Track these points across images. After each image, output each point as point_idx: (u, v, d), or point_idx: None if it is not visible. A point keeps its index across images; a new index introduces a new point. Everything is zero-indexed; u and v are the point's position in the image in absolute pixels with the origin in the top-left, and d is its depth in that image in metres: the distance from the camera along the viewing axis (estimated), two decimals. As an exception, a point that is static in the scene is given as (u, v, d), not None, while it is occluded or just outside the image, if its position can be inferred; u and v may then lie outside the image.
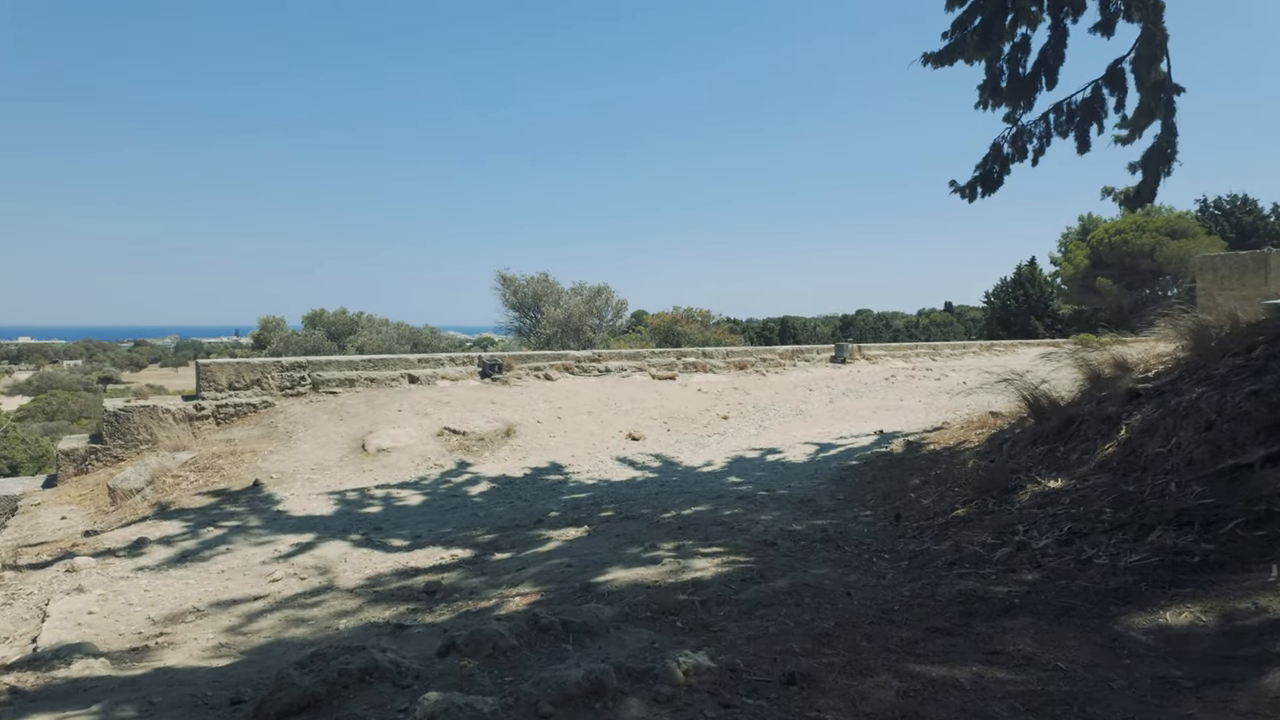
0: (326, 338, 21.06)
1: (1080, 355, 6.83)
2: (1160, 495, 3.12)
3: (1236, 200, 27.62)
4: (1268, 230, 26.79)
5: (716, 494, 5.93)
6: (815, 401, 10.80)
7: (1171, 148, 5.91)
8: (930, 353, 15.67)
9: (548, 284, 16.90)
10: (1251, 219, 27.09)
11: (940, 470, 5.50)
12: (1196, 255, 11.90)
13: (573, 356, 11.58)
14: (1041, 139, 6.38)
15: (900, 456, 6.71)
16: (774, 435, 8.70)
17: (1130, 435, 3.87)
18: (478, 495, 6.66)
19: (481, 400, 9.66)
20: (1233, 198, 27.69)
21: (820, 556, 3.77)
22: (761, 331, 44.54)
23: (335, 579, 4.65)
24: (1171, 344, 6.54)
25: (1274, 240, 27.10)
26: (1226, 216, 27.37)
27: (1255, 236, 27.02)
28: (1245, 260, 11.08)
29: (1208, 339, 5.02)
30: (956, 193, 6.79)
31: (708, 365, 12.71)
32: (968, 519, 3.93)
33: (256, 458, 7.96)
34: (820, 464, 7.01)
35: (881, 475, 6.04)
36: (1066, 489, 3.72)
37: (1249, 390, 3.30)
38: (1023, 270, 32.05)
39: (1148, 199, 6.24)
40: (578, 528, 5.18)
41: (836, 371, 13.36)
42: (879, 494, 5.36)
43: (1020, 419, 6.90)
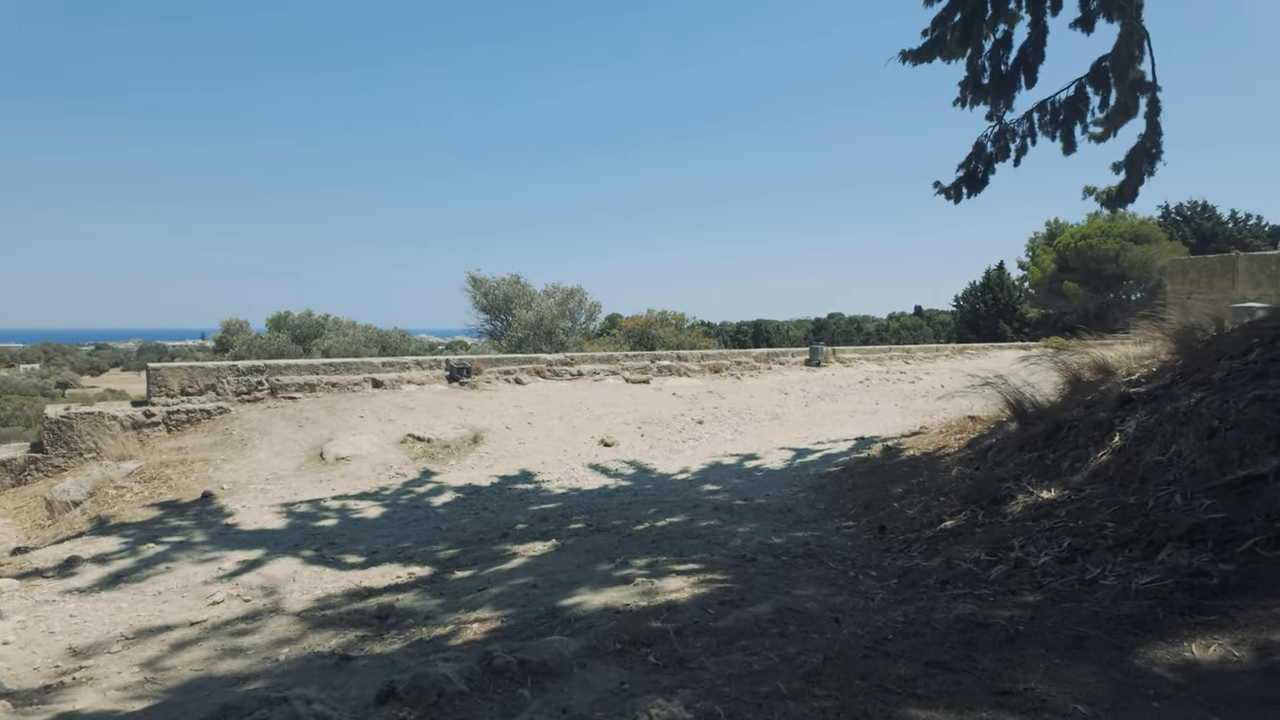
0: (291, 340, 20.41)
1: (1059, 358, 6.69)
2: (1166, 508, 2.90)
3: (1197, 206, 28.15)
4: (1226, 235, 27.33)
5: (692, 503, 5.65)
6: (791, 405, 10.60)
7: (1156, 146, 5.78)
8: (904, 356, 15.59)
9: (519, 286, 16.51)
10: (1211, 225, 27.62)
11: (922, 478, 5.28)
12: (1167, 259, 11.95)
13: (544, 360, 11.24)
14: (1025, 138, 6.22)
15: (880, 462, 6.49)
16: (750, 440, 8.46)
17: (1126, 443, 3.66)
18: (441, 506, 6.31)
19: (448, 405, 9.29)
20: (1193, 204, 28.22)
21: (803, 574, 3.51)
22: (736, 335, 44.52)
23: (281, 601, 4.28)
24: (1150, 346, 6.43)
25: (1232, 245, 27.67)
26: (1187, 222, 27.87)
27: (1215, 241, 27.55)
28: (1214, 264, 11.12)
29: (1194, 341, 4.87)
30: (941, 194, 6.61)
31: (682, 369, 12.46)
32: (957, 532, 3.70)
33: (208, 467, 7.51)
34: (798, 470, 6.78)
35: (862, 483, 5.82)
36: (1061, 500, 3.50)
37: (1254, 395, 3.11)
38: (991, 274, 32.35)
39: (1130, 198, 6.10)
40: (545, 542, 4.86)
41: (811, 374, 13.19)
42: (860, 503, 5.12)
43: (1000, 423, 6.74)
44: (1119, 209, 6.11)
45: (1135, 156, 5.90)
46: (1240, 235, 27.22)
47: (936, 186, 6.61)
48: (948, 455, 6.08)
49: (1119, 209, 6.11)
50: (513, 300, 16.21)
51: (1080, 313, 28.59)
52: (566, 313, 16.57)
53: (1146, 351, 6.20)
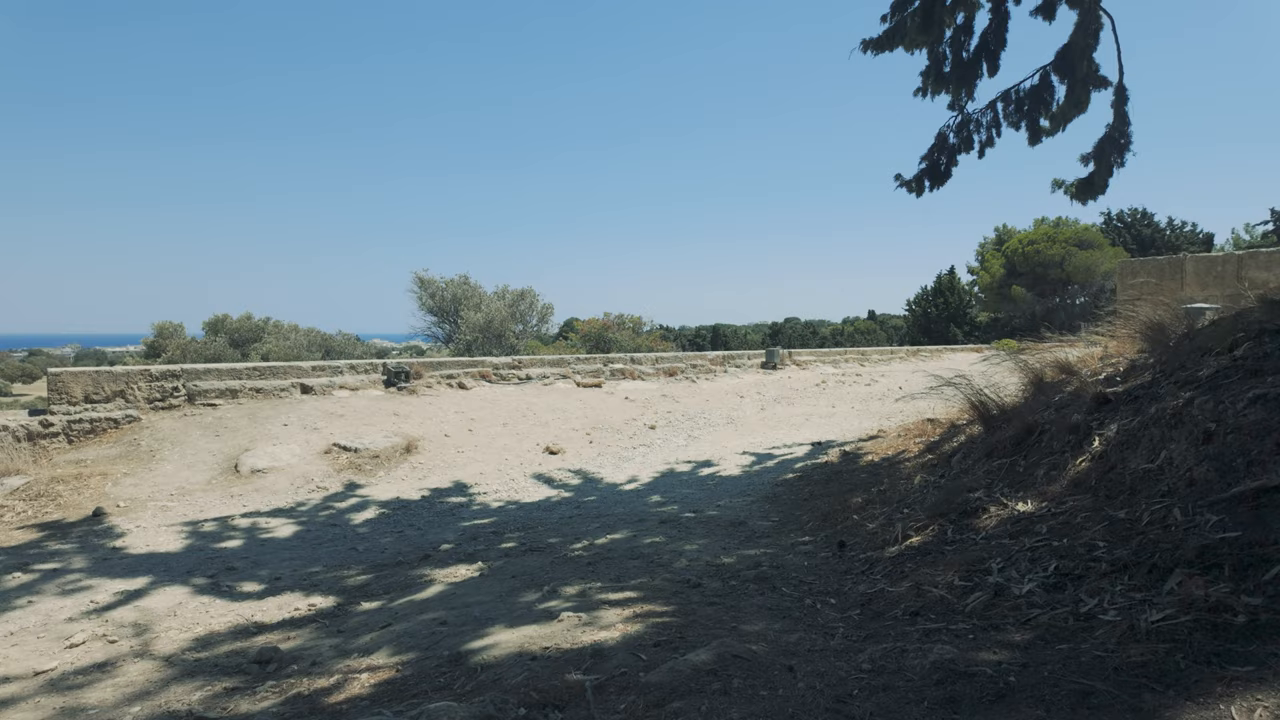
0: (229, 345, 19.36)
1: (1019, 358, 6.39)
2: (1164, 525, 2.50)
3: (1137, 214, 28.87)
4: (1164, 242, 28.06)
5: (638, 517, 5.16)
6: (747, 409, 10.20)
7: (1124, 136, 5.51)
8: (859, 358, 15.38)
9: (468, 287, 15.81)
10: (1150, 232, 28.33)
11: (883, 486, 4.88)
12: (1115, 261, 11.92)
13: (490, 363, 10.63)
14: (989, 129, 5.90)
15: (838, 469, 6.09)
16: (704, 446, 8.01)
17: (1107, 448, 3.28)
18: (362, 524, 5.69)
19: (382, 412, 8.63)
20: (1134, 211, 28.93)
21: (753, 603, 3.03)
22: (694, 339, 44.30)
23: (152, 642, 3.64)
24: (1107, 345, 6.17)
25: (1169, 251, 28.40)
26: (1128, 229, 28.55)
27: (1154, 248, 28.26)
28: (1163, 265, 11.10)
29: (1165, 338, 4.56)
30: (903, 187, 6.26)
31: (636, 372, 11.97)
32: (925, 550, 3.27)
33: (106, 482, 6.74)
34: (753, 478, 6.34)
35: (819, 491, 5.40)
36: (1040, 513, 3.09)
37: (1253, 395, 2.74)
38: (943, 279, 32.70)
39: (1100, 190, 5.83)
40: (470, 564, 4.31)
41: (767, 377, 12.84)
42: (818, 514, 4.69)
43: (959, 426, 6.41)
44: (1088, 201, 5.83)
45: (1104, 147, 5.63)
46: (1177, 241, 27.97)
47: (898, 180, 6.26)
48: (908, 460, 5.71)
49: (1088, 201, 5.83)
50: (461, 302, 15.51)
51: (1027, 316, 29.04)
52: (517, 315, 15.92)
53: (1108, 350, 5.93)
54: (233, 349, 19.50)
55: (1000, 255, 30.21)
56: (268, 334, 19.38)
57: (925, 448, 6.08)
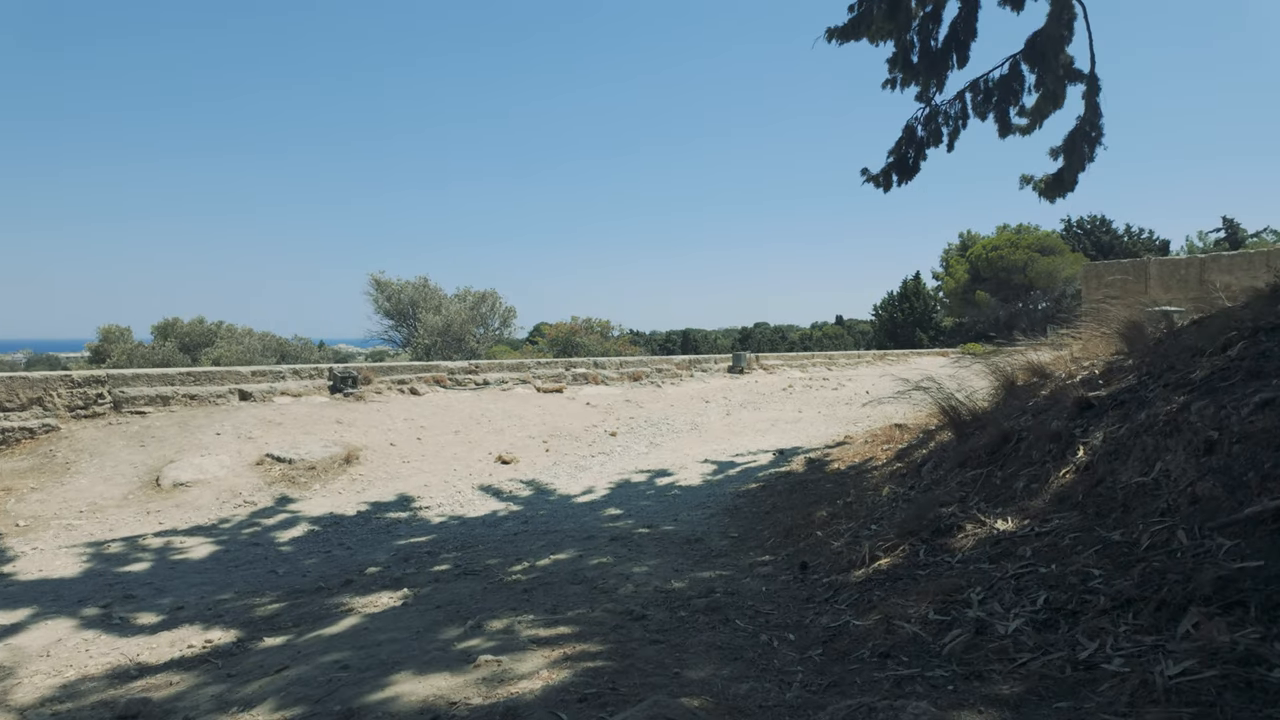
0: (179, 350, 18.49)
1: (991, 361, 6.12)
2: (1168, 550, 2.16)
3: (1096, 221, 29.26)
4: (1122, 248, 28.47)
5: (587, 534, 4.73)
6: (712, 414, 9.83)
7: (1095, 129, 5.25)
8: (826, 362, 15.15)
9: (428, 289, 15.21)
10: (1109, 238, 28.73)
11: (849, 498, 4.52)
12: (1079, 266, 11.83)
13: (445, 368, 10.12)
14: (958, 120, 5.61)
15: (802, 478, 5.74)
16: (665, 454, 7.61)
17: (1093, 459, 2.95)
18: (288, 543, 5.17)
19: (325, 420, 8.08)
20: (1093, 218, 29.32)
21: (702, 640, 2.63)
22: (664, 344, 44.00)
23: (12, 690, 3.11)
24: (1074, 348, 5.92)
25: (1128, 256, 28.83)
26: (1088, 235, 28.91)
27: (1112, 254, 28.65)
28: (1127, 269, 11.02)
29: (1144, 339, 4.28)
30: (870, 182, 5.94)
31: (599, 376, 11.55)
32: (895, 574, 2.90)
33: (10, 498, 6.12)
34: (714, 488, 5.95)
35: (782, 503, 5.03)
36: (1023, 533, 2.74)
37: (1259, 400, 2.42)
38: (908, 284, 32.82)
39: (1070, 186, 5.57)
40: (395, 591, 3.85)
41: (734, 382, 12.51)
42: (780, 530, 4.31)
43: (930, 432, 6.11)
44: (1057, 198, 5.56)
45: (1074, 140, 5.36)
46: (1134, 248, 28.39)
47: (864, 175, 5.94)
48: (876, 469, 5.37)
49: (1057, 198, 5.56)
50: (420, 305, 14.92)
51: (991, 321, 29.23)
52: (478, 317, 15.36)
53: (1077, 353, 5.67)
54: (183, 354, 18.62)
55: (965, 261, 30.40)
56: (220, 338, 18.52)
57: (894, 455, 5.75)
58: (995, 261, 29.37)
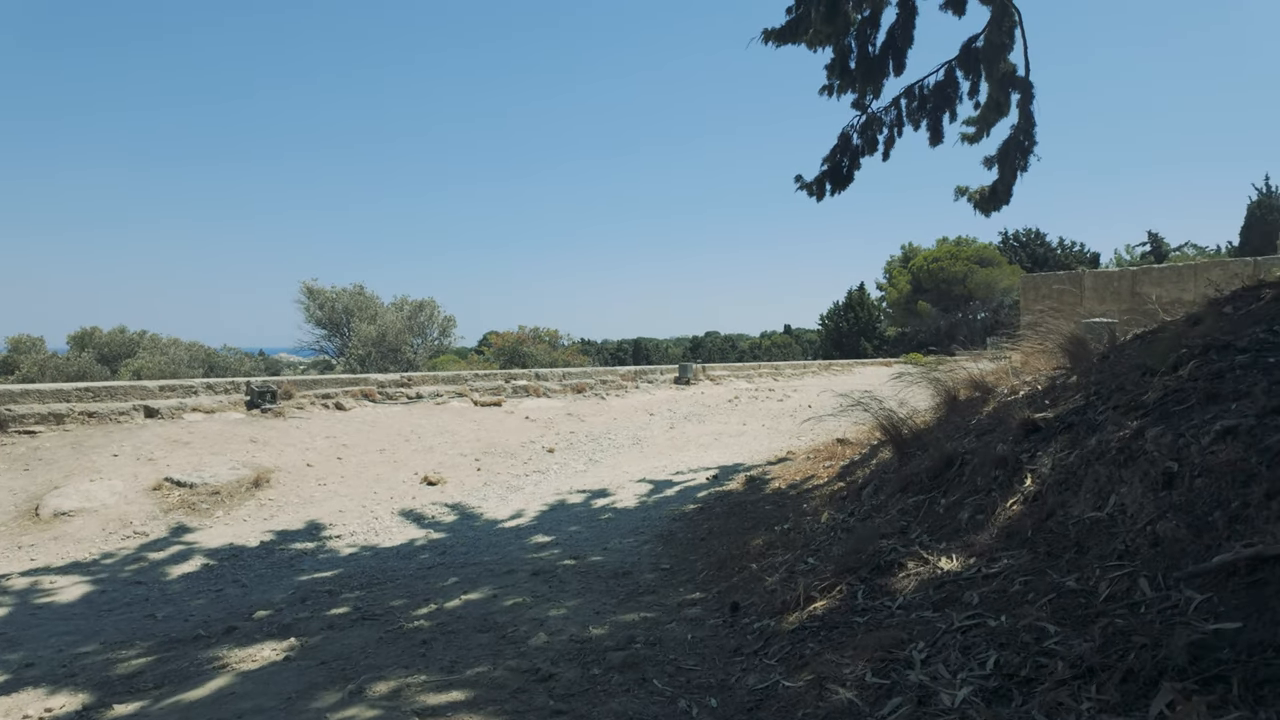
0: (97, 361, 17.31)
1: (932, 375, 5.94)
2: (1130, 603, 1.89)
3: (1032, 234, 30.14)
4: (1056, 260, 29.36)
5: (508, 566, 4.32)
6: (655, 428, 9.50)
7: (1029, 139, 5.11)
8: (773, 373, 15.01)
9: (363, 297, 14.50)
10: (1043, 250, 29.61)
11: (788, 524, 4.22)
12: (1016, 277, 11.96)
13: (374, 380, 9.55)
14: (893, 128, 5.42)
15: (741, 499, 5.44)
16: (604, 471, 7.24)
17: (1042, 488, 2.70)
18: (176, 580, 4.62)
19: (238, 438, 7.46)
20: (1029, 231, 30.20)
21: (612, 709, 2.27)
22: (616, 353, 43.71)
23: None
24: (1017, 359, 5.79)
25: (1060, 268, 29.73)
26: (1024, 248, 29.75)
27: (1046, 265, 29.51)
28: (1064, 280, 11.16)
29: (1088, 354, 4.10)
30: (803, 190, 5.71)
31: (541, 389, 11.11)
32: (831, 621, 2.59)
33: None
34: (650, 511, 5.60)
35: (719, 528, 4.70)
36: (969, 574, 2.46)
37: (1221, 428, 2.19)
38: (853, 295, 33.24)
39: (1004, 198, 5.42)
40: (280, 641, 3.37)
41: (680, 393, 12.22)
42: (714, 561, 3.98)
43: (871, 448, 5.90)
44: (991, 211, 5.40)
45: (1008, 149, 5.21)
46: (1067, 260, 29.31)
47: (798, 182, 5.71)
48: (817, 489, 5.11)
49: (991, 211, 5.40)
50: (354, 313, 14.21)
51: (933, 331, 29.79)
52: (415, 327, 14.71)
53: (1022, 365, 5.53)
54: (101, 365, 17.43)
55: (907, 272, 30.94)
56: (143, 349, 17.38)
57: (836, 473, 5.51)
58: (936, 273, 29.97)
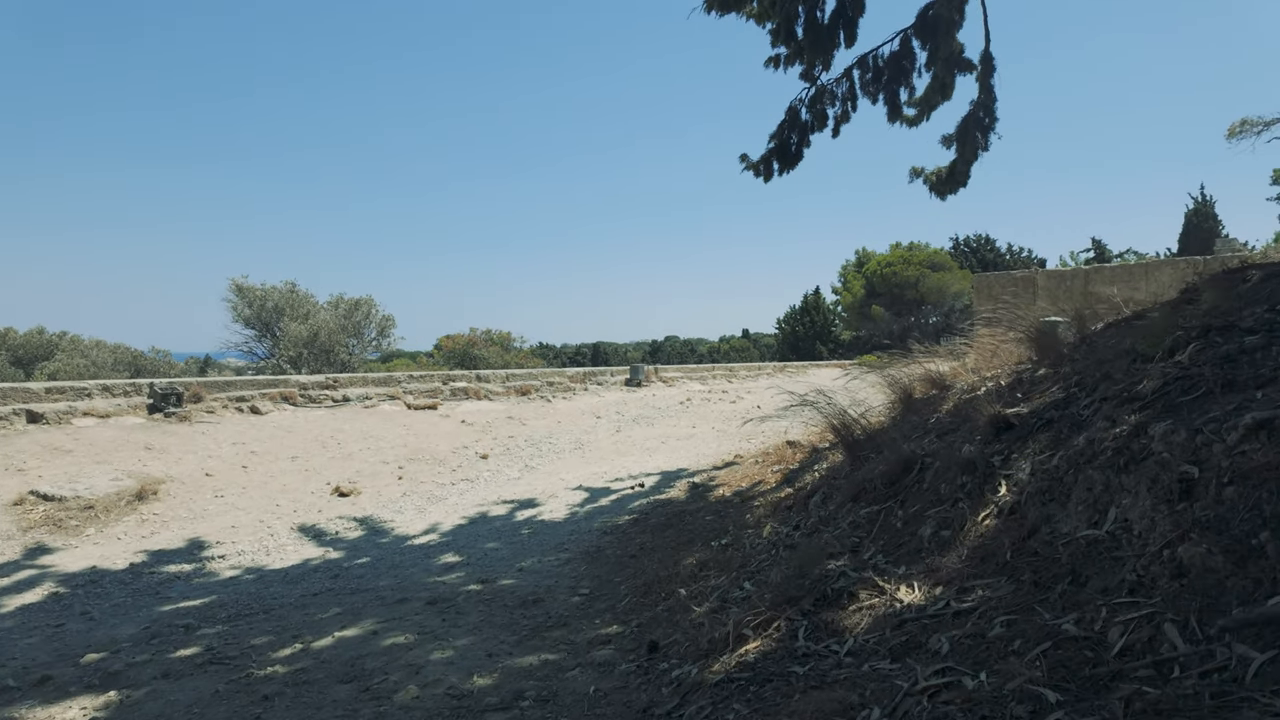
0: (10, 364, 16.00)
1: (886, 372, 5.48)
2: (1157, 662, 1.37)
3: (981, 239, 30.46)
4: (1004, 265, 29.68)
5: (403, 593, 3.68)
6: (601, 431, 8.90)
7: (989, 115, 4.67)
8: (727, 374, 14.55)
9: (296, 295, 13.55)
10: (993, 256, 29.93)
11: (726, 540, 3.67)
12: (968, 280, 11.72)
13: (295, 382, 8.75)
14: (845, 102, 4.94)
15: (681, 508, 4.88)
16: (539, 479, 6.61)
17: (1020, 498, 2.19)
18: (12, 613, 3.84)
19: (131, 445, 6.63)
20: (978, 237, 30.52)
21: (467, 807, 1.66)
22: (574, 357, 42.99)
23: None
24: (975, 356, 5.38)
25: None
26: (974, 253, 30.03)
27: (996, 270, 29.78)
28: (1016, 280, 10.95)
29: (1056, 344, 3.65)
30: (749, 170, 5.19)
31: (482, 391, 10.42)
32: (764, 671, 2.03)
33: None
34: (580, 523, 5.00)
35: (652, 543, 4.13)
36: (935, 610, 1.93)
37: (1252, 421, 1.68)
38: (809, 299, 33.19)
39: (962, 180, 4.99)
40: (95, 696, 2.68)
41: (631, 395, 11.65)
42: (640, 584, 3.40)
43: (819, 451, 5.41)
44: (948, 194, 4.96)
45: (967, 127, 4.77)
46: (1015, 265, 29.66)
47: (744, 162, 5.19)
48: (762, 496, 4.57)
49: (948, 194, 4.96)
50: (285, 312, 13.26)
51: (886, 334, 29.84)
52: (351, 327, 13.81)
53: (979, 362, 5.11)
54: (14, 368, 16.11)
55: (861, 277, 30.97)
56: (61, 351, 16.11)
57: (783, 478, 4.99)
58: (889, 277, 30.04)
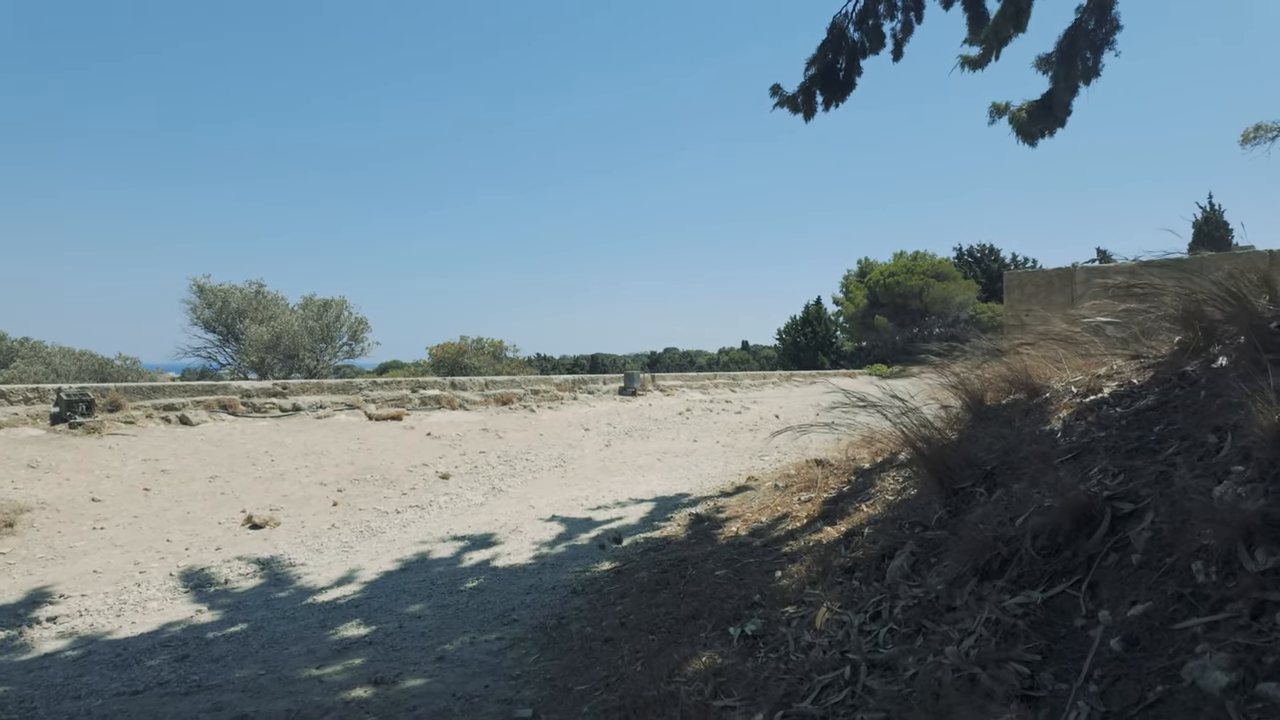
0: (-34, 371, 14.62)
1: (952, 371, 4.16)
2: None
3: (986, 249, 29.21)
4: (1009, 276, 28.40)
5: (255, 700, 2.33)
6: (588, 446, 7.57)
7: (1105, 24, 3.37)
8: (729, 383, 13.23)
9: (262, 296, 12.21)
10: (997, 266, 28.68)
11: (754, 624, 2.31)
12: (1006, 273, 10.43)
13: (237, 389, 7.43)
14: (906, 11, 3.64)
15: (681, 553, 3.53)
16: (505, 506, 5.27)
17: None
18: None
19: (10, 463, 5.29)
20: (983, 247, 29.27)
21: None
22: (572, 368, 41.67)
23: None
24: (1036, 353, 4.07)
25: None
26: (978, 263, 28.78)
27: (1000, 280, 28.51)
28: (1051, 277, 9.66)
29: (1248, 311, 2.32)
30: (783, 106, 3.88)
31: (457, 400, 9.08)
32: None
33: None
34: (548, 571, 3.66)
35: (638, 617, 2.78)
36: None
37: None
38: (810, 309, 31.91)
39: (1058, 117, 3.68)
40: None
41: (624, 405, 10.31)
42: (612, 707, 2.05)
43: (865, 472, 4.09)
44: (1040, 136, 3.66)
45: (1073, 42, 3.47)
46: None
47: (775, 95, 3.88)
48: (791, 540, 3.23)
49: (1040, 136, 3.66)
50: (249, 314, 11.91)
51: (889, 346, 28.53)
52: (319, 330, 12.46)
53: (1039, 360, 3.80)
54: (-31, 376, 14.76)
55: (864, 286, 29.71)
56: (20, 357, 14.79)
57: (818, 512, 3.66)
58: (893, 287, 28.78)
